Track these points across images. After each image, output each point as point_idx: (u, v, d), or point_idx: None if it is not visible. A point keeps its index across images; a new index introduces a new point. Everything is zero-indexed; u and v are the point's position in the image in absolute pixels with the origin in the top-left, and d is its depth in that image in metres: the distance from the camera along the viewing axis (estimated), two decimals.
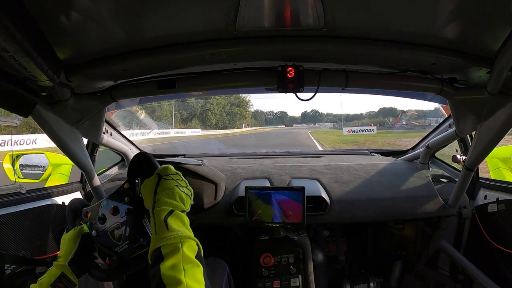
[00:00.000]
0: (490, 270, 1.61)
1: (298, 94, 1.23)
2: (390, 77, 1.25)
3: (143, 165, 0.93)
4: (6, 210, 1.32)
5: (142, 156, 0.95)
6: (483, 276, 1.60)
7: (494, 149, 1.35)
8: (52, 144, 1.32)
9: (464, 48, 1.02)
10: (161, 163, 1.46)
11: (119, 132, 1.95)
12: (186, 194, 0.89)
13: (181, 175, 0.92)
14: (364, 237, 2.16)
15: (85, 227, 1.01)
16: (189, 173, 1.61)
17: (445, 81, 1.23)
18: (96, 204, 1.00)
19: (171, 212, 0.80)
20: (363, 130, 25.91)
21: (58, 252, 0.99)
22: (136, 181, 0.95)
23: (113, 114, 1.91)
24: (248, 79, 1.24)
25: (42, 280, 0.93)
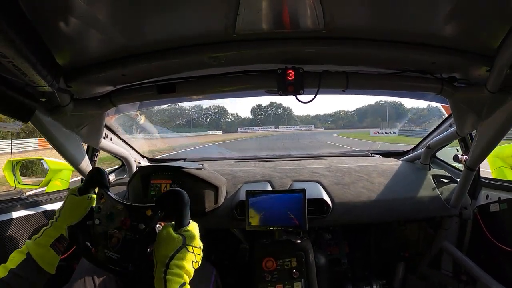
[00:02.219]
0: (493, 270, 1.60)
1: (298, 96, 1.22)
2: (390, 77, 1.25)
3: (175, 205, 0.89)
4: (6, 216, 1.31)
5: (179, 196, 0.90)
6: (486, 276, 1.59)
7: (495, 148, 1.34)
8: None
9: (463, 47, 1.02)
10: (163, 169, 1.45)
11: (119, 137, 1.94)
12: (197, 266, 0.87)
13: (202, 248, 0.89)
14: (366, 239, 2.15)
15: (93, 199, 1.01)
16: (190, 177, 1.60)
17: (445, 80, 1.23)
18: (114, 199, 0.98)
19: (183, 285, 0.80)
20: (387, 132, 26.17)
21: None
22: (159, 214, 0.92)
23: (113, 119, 1.90)
24: (248, 82, 1.24)
25: (39, 240, 0.92)
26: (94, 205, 1.00)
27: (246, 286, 1.66)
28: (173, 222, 0.88)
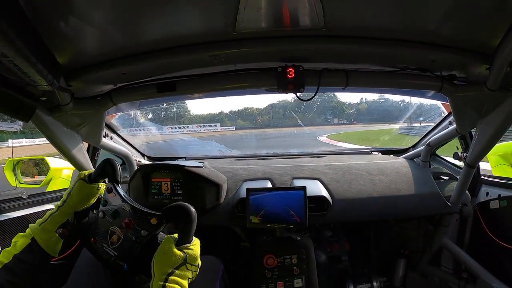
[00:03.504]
0: (493, 267, 1.61)
1: (298, 94, 1.22)
2: (390, 75, 1.25)
3: (181, 220, 0.89)
4: (8, 216, 1.32)
5: (187, 212, 0.89)
6: (486, 273, 1.60)
7: (495, 145, 1.35)
8: None
9: (463, 45, 1.02)
10: (164, 168, 1.45)
11: (119, 136, 1.95)
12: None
13: (199, 267, 0.89)
14: (367, 236, 2.15)
15: (102, 189, 1.01)
16: (191, 175, 1.61)
17: (445, 78, 1.23)
18: (123, 197, 0.98)
19: None
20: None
21: (60, 257, 0.99)
22: (163, 225, 0.93)
23: (114, 118, 1.90)
24: (248, 81, 1.24)
25: (45, 225, 0.92)
26: (101, 192, 1.01)
27: (247, 283, 1.67)
28: (176, 235, 0.88)
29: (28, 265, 0.86)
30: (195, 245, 0.88)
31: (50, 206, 1.52)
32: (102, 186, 1.04)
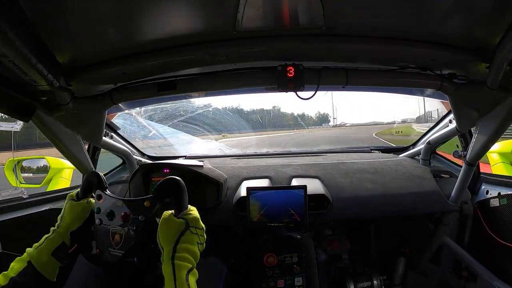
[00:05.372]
0: (493, 265, 1.61)
1: (298, 93, 1.23)
2: (390, 74, 1.25)
3: (172, 192, 0.91)
4: (8, 216, 1.32)
5: (175, 183, 0.92)
6: (486, 272, 1.60)
7: (495, 143, 1.35)
8: None
9: (463, 44, 1.02)
10: (164, 167, 1.45)
11: (119, 135, 1.95)
12: (202, 250, 0.89)
13: (204, 230, 0.91)
14: (367, 235, 2.16)
15: (92, 203, 1.02)
16: (191, 174, 1.61)
17: (445, 77, 1.23)
18: (112, 196, 1.00)
19: (191, 269, 0.81)
20: None
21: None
22: (157, 204, 0.94)
23: (114, 117, 1.91)
24: (248, 79, 1.24)
25: (41, 247, 0.93)
26: (92, 206, 1.02)
27: (248, 281, 1.67)
28: (173, 211, 0.89)
29: (27, 286, 0.87)
30: (193, 210, 0.91)
31: (51, 206, 1.52)
32: (92, 200, 1.05)
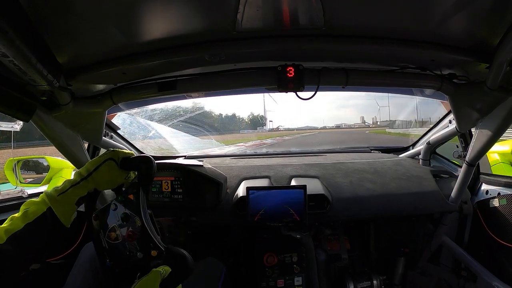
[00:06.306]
0: (492, 265, 1.61)
1: (298, 93, 1.23)
2: (389, 74, 1.25)
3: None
4: (8, 215, 1.32)
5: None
6: (486, 272, 1.60)
7: (495, 144, 1.35)
8: None
9: (462, 44, 1.02)
10: (164, 167, 1.45)
11: (119, 135, 1.95)
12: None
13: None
14: (367, 235, 2.16)
15: (131, 178, 1.01)
16: (191, 174, 1.61)
17: (445, 77, 1.23)
18: (140, 206, 0.93)
19: None
20: None
21: (60, 256, 0.97)
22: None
23: (114, 117, 1.91)
24: (248, 79, 1.24)
25: (64, 196, 0.89)
26: (124, 185, 0.99)
27: (248, 281, 1.67)
28: (164, 271, 0.86)
29: (40, 234, 0.83)
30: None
31: None
32: (132, 175, 1.00)
